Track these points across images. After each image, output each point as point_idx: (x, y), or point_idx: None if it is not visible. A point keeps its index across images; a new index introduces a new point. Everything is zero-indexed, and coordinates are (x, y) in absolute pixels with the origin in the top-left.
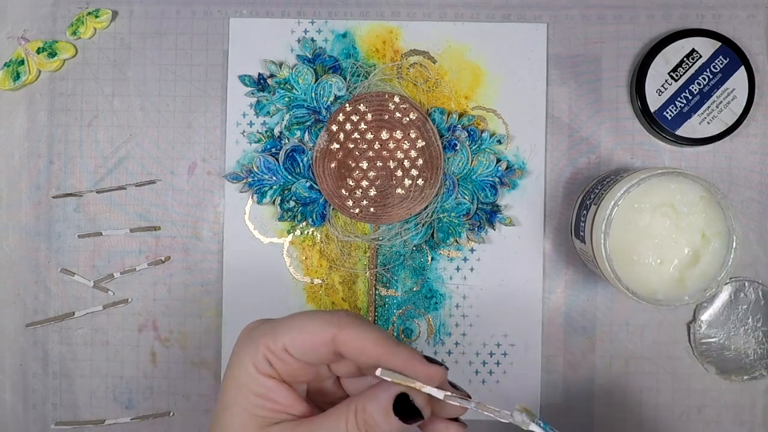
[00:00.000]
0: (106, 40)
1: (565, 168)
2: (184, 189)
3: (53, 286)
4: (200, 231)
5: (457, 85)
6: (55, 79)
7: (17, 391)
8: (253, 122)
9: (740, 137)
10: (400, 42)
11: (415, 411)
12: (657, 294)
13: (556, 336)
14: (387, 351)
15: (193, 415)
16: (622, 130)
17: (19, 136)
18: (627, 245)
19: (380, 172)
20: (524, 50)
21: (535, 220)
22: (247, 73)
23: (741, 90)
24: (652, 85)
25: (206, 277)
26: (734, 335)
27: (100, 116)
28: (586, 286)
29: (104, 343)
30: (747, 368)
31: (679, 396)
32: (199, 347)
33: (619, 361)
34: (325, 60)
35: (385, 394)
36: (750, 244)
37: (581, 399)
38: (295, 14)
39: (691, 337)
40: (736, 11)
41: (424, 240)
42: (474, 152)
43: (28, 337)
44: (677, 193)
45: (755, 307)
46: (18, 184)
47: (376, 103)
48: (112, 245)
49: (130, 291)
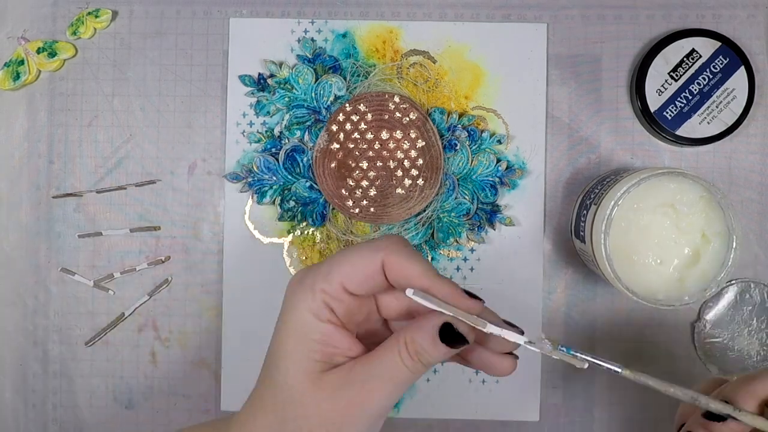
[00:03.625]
0: (106, 40)
1: (565, 168)
2: (184, 189)
3: (53, 286)
4: (200, 231)
5: (457, 85)
6: (55, 79)
7: (17, 391)
8: (253, 122)
9: (740, 137)
10: (400, 42)
11: (459, 337)
12: (657, 294)
13: (556, 336)
14: (431, 282)
15: (194, 415)
16: (622, 130)
17: (19, 136)
18: (627, 245)
19: (380, 172)
20: (524, 50)
21: (535, 220)
22: (247, 73)
23: (741, 90)
24: (652, 85)
25: (206, 277)
26: (738, 336)
27: (100, 116)
28: (586, 286)
29: (104, 343)
30: (749, 370)
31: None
32: (199, 347)
33: (619, 361)
34: (325, 60)
35: (430, 323)
36: (750, 244)
37: (581, 399)
38: (295, 14)
39: (695, 337)
40: (736, 11)
41: (424, 240)
42: (474, 152)
43: (28, 337)
44: (677, 193)
45: (760, 309)
46: (18, 184)
47: (376, 103)
48: (112, 245)
49: (131, 291)
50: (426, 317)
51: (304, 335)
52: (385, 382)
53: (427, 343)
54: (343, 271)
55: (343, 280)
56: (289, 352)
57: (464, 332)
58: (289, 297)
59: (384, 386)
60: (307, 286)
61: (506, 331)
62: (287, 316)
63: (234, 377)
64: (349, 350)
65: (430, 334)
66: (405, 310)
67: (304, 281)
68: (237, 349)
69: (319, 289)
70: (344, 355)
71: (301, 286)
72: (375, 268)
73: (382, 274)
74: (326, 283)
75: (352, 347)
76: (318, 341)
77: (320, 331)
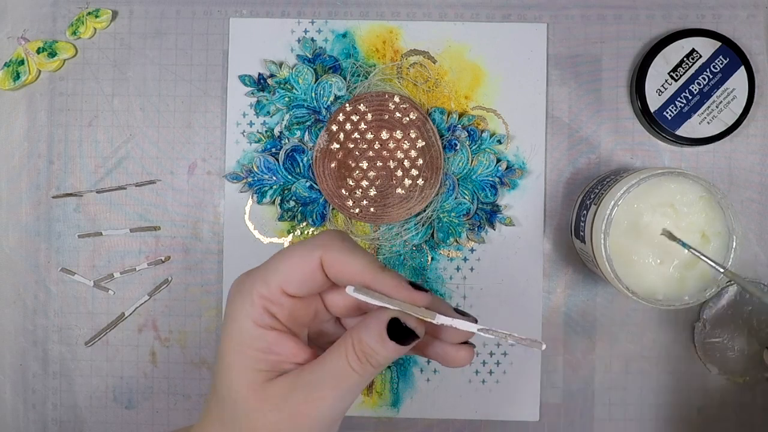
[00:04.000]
0: (106, 40)
1: (565, 168)
2: (184, 189)
3: (53, 286)
4: (200, 231)
5: (457, 85)
6: (55, 79)
7: (17, 391)
8: (253, 122)
9: (740, 137)
10: (400, 42)
11: (409, 332)
12: (657, 294)
13: (556, 336)
14: (373, 276)
15: (194, 415)
16: (622, 130)
17: (19, 136)
18: (627, 245)
19: (380, 172)
20: (524, 50)
21: (535, 220)
22: (247, 73)
23: (741, 90)
24: (652, 85)
25: (206, 277)
26: (738, 336)
27: (100, 116)
28: (586, 286)
29: (104, 343)
30: (749, 369)
31: (679, 396)
32: (199, 347)
33: (619, 361)
34: (325, 60)
35: (376, 321)
36: (750, 244)
37: (581, 399)
38: (295, 14)
39: (695, 337)
40: (736, 11)
41: (424, 240)
42: (474, 152)
43: (28, 337)
44: (677, 193)
45: (760, 309)
46: (18, 184)
47: (376, 103)
48: (112, 245)
49: (131, 291)
50: (372, 314)
51: (246, 345)
52: (333, 389)
53: (374, 342)
54: (280, 274)
55: (281, 283)
56: (232, 364)
57: (413, 327)
58: (230, 305)
59: (332, 393)
60: (245, 293)
61: (458, 321)
62: (228, 326)
63: None
64: (295, 356)
65: (377, 332)
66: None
67: (242, 287)
68: None
69: (258, 295)
70: (291, 361)
71: (239, 293)
72: (313, 267)
73: (321, 272)
74: (264, 287)
75: (298, 353)
76: (260, 350)
77: (262, 338)
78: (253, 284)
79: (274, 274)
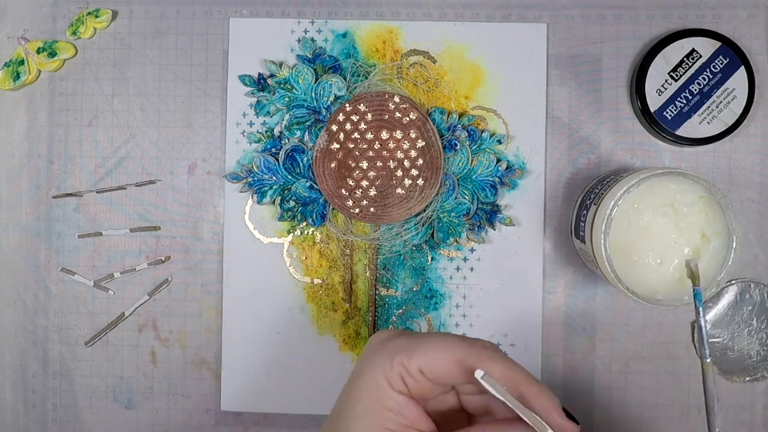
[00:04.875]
0: (106, 40)
1: (565, 168)
2: (184, 189)
3: (53, 286)
4: (200, 231)
5: (457, 85)
6: (55, 79)
7: (17, 391)
8: (253, 122)
9: (740, 137)
10: (400, 42)
11: None
12: (657, 294)
13: (556, 336)
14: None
15: (193, 415)
16: (622, 130)
17: (19, 136)
18: (627, 245)
19: (380, 172)
20: (524, 50)
21: (535, 220)
22: (247, 73)
23: (741, 90)
24: (652, 85)
25: (206, 277)
26: (738, 336)
27: (100, 116)
28: (586, 286)
29: (104, 343)
30: (749, 369)
31: (679, 396)
32: (199, 347)
33: (619, 361)
34: (325, 60)
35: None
36: (750, 244)
37: (581, 399)
38: (295, 14)
39: (695, 337)
40: (736, 11)
41: (424, 240)
42: (474, 152)
43: (28, 337)
44: (677, 193)
45: (760, 309)
46: (18, 184)
47: (376, 103)
48: (112, 245)
49: (131, 291)
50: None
51: (377, 400)
52: None
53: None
54: (425, 358)
55: (423, 366)
56: (361, 415)
57: None
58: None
59: None
60: (387, 353)
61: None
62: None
63: (234, 377)
64: (419, 423)
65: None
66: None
67: (386, 346)
68: (237, 349)
69: (398, 361)
70: (414, 427)
71: (382, 350)
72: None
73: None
74: (407, 359)
75: (422, 420)
76: (390, 409)
77: (394, 399)
78: (397, 350)
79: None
